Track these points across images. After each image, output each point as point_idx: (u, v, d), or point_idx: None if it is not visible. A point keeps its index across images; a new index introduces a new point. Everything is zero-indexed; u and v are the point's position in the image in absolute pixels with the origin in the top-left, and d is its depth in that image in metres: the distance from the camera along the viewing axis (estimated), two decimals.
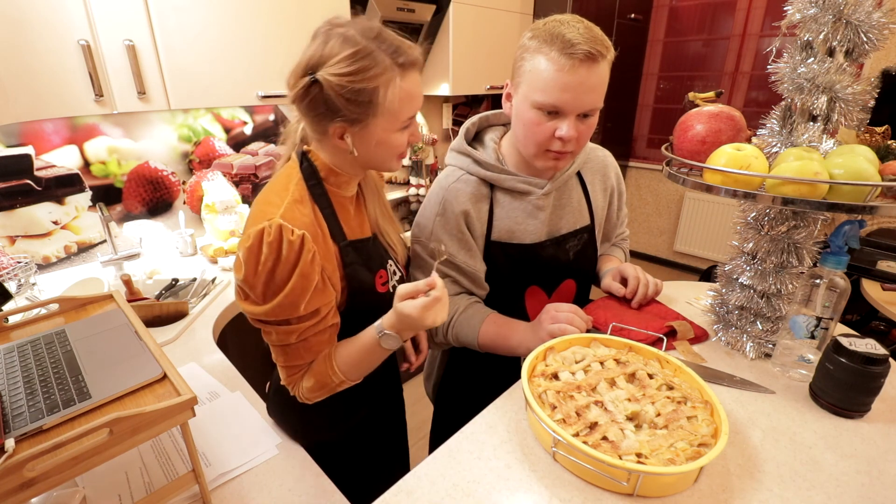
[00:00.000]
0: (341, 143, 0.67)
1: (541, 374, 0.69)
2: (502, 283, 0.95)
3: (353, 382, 0.72)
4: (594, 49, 0.73)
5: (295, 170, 0.70)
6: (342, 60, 0.61)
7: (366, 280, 0.73)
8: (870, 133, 0.77)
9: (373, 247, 0.77)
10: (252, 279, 0.62)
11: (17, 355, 0.63)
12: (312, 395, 0.70)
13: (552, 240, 0.94)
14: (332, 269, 0.68)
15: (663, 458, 0.56)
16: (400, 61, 0.63)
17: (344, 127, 0.65)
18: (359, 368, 0.70)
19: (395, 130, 0.68)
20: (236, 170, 1.81)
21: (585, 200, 0.99)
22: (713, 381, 0.77)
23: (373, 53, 0.62)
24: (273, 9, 1.41)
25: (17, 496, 0.43)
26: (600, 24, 0.80)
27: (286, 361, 0.69)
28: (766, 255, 0.80)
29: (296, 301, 0.63)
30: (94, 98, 1.15)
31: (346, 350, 0.70)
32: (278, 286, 0.62)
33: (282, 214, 0.62)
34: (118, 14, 1.14)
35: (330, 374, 0.69)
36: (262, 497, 0.64)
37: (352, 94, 0.62)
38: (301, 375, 0.70)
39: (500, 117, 0.98)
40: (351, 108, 0.63)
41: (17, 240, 1.36)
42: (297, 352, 0.68)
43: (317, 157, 0.71)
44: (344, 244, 0.70)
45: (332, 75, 0.61)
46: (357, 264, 0.72)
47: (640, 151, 3.58)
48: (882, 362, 0.65)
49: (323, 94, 0.62)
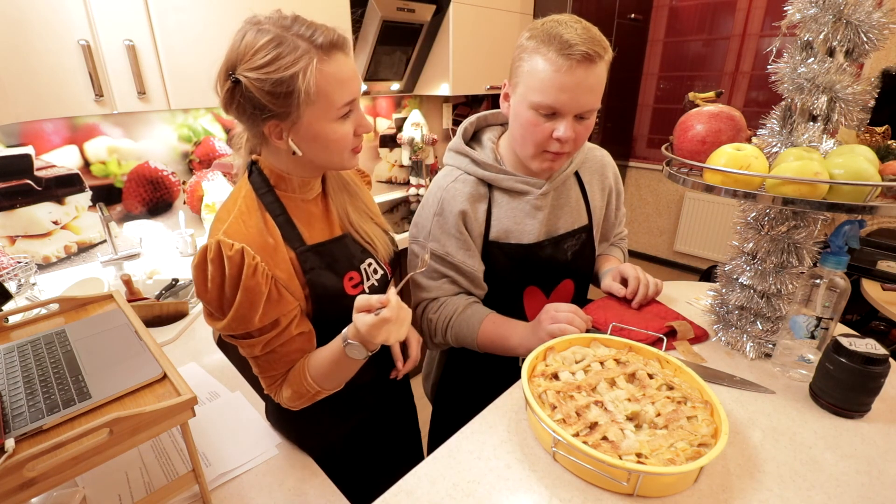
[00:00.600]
0: (281, 143, 0.64)
1: (541, 374, 0.69)
2: (501, 283, 0.95)
3: (331, 391, 0.70)
4: (592, 50, 0.73)
5: (244, 181, 0.69)
6: (256, 52, 0.59)
7: (331, 284, 0.70)
8: (870, 133, 0.77)
9: (340, 248, 0.74)
10: (204, 296, 0.63)
11: (18, 355, 0.63)
12: (293, 403, 0.69)
13: (550, 240, 0.94)
14: (288, 277, 0.66)
15: (663, 458, 0.56)
16: (318, 42, 0.60)
17: (277, 124, 0.63)
18: (331, 378, 0.68)
19: (332, 120, 0.64)
20: (236, 170, 1.81)
21: (583, 200, 0.99)
22: (713, 381, 0.77)
23: (286, 40, 0.59)
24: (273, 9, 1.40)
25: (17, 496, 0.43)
26: (600, 24, 0.80)
27: (261, 372, 0.69)
28: (766, 255, 0.80)
29: (247, 315, 0.62)
30: (94, 98, 1.15)
31: (316, 360, 0.68)
32: (228, 301, 0.62)
33: (224, 230, 0.62)
34: (118, 14, 1.15)
35: (304, 384, 0.67)
36: (262, 497, 0.64)
37: (272, 86, 0.59)
38: (279, 385, 0.69)
39: (498, 117, 0.98)
40: (276, 102, 0.60)
41: (17, 240, 1.36)
42: (268, 363, 0.67)
43: (265, 165, 0.69)
44: (302, 249, 0.68)
45: (249, 70, 0.59)
46: (319, 269, 0.70)
47: (640, 151, 3.58)
48: (882, 362, 0.65)
49: (246, 93, 0.60)
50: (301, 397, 0.68)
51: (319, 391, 0.68)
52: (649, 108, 3.46)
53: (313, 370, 0.68)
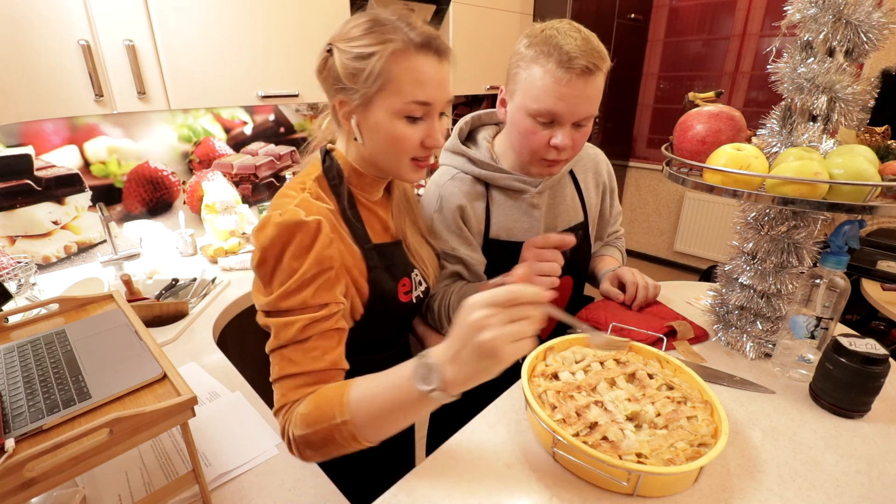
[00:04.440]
0: (346, 124, 0.65)
1: (541, 374, 0.69)
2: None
3: (360, 433, 0.53)
4: (591, 63, 0.74)
5: (315, 167, 0.68)
6: (355, 27, 0.61)
7: (388, 287, 0.69)
8: (870, 133, 0.77)
9: (398, 252, 0.74)
10: (264, 263, 0.58)
11: (17, 355, 0.63)
12: (305, 426, 0.54)
13: None
14: (359, 272, 0.64)
15: (663, 458, 0.56)
16: (413, 36, 0.60)
17: (345, 101, 0.63)
18: (374, 413, 0.52)
19: (398, 115, 0.63)
20: (236, 170, 1.81)
21: (579, 197, 1.00)
22: (713, 381, 0.77)
23: (387, 24, 0.60)
24: (273, 9, 1.41)
25: (17, 496, 0.43)
26: (600, 24, 0.81)
27: (282, 369, 0.59)
28: (766, 255, 0.80)
29: (304, 286, 0.58)
30: (94, 98, 1.15)
31: (367, 385, 0.54)
32: (288, 270, 0.58)
33: (297, 204, 0.60)
34: (118, 14, 1.14)
35: (335, 406, 0.53)
36: (262, 497, 0.64)
37: (351, 59, 0.60)
38: (298, 390, 0.58)
39: (492, 116, 0.99)
40: (350, 77, 0.61)
41: (17, 240, 1.36)
42: (295, 354, 0.58)
43: (340, 156, 0.68)
44: (368, 247, 0.67)
45: (342, 40, 0.61)
46: (380, 269, 0.69)
47: (640, 151, 3.58)
48: (882, 362, 0.65)
49: (332, 64, 0.62)
50: (318, 421, 0.53)
51: (347, 423, 0.52)
52: (649, 108, 3.46)
53: (356, 394, 0.53)
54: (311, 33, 1.51)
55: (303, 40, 1.50)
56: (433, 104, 0.65)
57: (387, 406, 0.51)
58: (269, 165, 1.90)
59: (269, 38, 1.42)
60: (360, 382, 0.55)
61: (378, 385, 0.52)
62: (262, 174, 1.89)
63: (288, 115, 1.92)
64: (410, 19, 0.62)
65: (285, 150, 1.95)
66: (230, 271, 1.44)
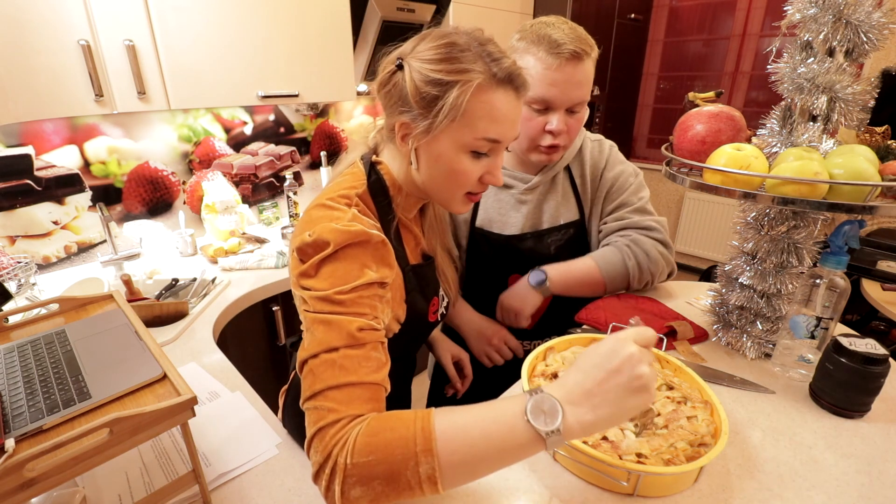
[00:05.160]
0: (403, 146, 0.60)
1: (541, 374, 0.69)
2: (486, 268, 1.00)
3: (441, 473, 0.42)
4: (579, 48, 0.80)
5: (358, 178, 0.62)
6: (432, 48, 0.56)
7: (421, 308, 0.67)
8: (870, 133, 0.77)
9: (430, 271, 0.72)
10: (333, 252, 0.52)
11: (17, 355, 0.63)
12: (368, 452, 0.42)
13: (532, 233, 0.98)
14: (400, 293, 0.61)
15: (663, 458, 0.55)
16: (494, 70, 0.56)
17: (408, 125, 0.58)
18: (464, 449, 0.43)
19: (464, 149, 0.58)
20: (236, 170, 1.81)
21: (574, 196, 0.99)
22: (713, 381, 0.77)
23: (468, 51, 0.56)
24: (273, 9, 1.41)
25: (17, 496, 0.43)
26: (600, 24, 0.83)
27: (333, 377, 0.47)
28: (766, 255, 0.80)
29: (368, 288, 0.52)
30: (94, 98, 1.15)
31: (453, 415, 0.45)
32: (359, 267, 0.52)
33: (351, 219, 0.55)
34: (118, 14, 1.14)
35: (417, 430, 0.43)
36: (262, 497, 0.64)
37: (425, 83, 0.55)
38: (359, 408, 0.46)
39: None
40: (420, 101, 0.56)
41: (17, 240, 1.36)
42: (348, 361, 0.48)
43: (386, 171, 0.63)
44: (407, 269, 0.64)
45: (416, 60, 0.56)
46: (416, 291, 0.66)
47: (640, 151, 3.58)
48: (882, 362, 0.65)
49: (401, 81, 0.57)
50: (387, 449, 0.42)
51: (429, 466, 0.42)
52: (649, 108, 3.46)
53: (445, 422, 0.44)
54: (311, 33, 1.51)
55: (303, 40, 1.50)
56: (502, 142, 0.60)
57: (482, 443, 0.42)
58: (269, 165, 1.90)
59: (269, 38, 1.43)
60: (445, 412, 0.46)
61: (473, 417, 0.44)
62: (262, 174, 1.89)
63: (288, 115, 1.92)
64: (490, 48, 0.57)
65: (285, 150, 1.95)
66: (230, 271, 1.44)
